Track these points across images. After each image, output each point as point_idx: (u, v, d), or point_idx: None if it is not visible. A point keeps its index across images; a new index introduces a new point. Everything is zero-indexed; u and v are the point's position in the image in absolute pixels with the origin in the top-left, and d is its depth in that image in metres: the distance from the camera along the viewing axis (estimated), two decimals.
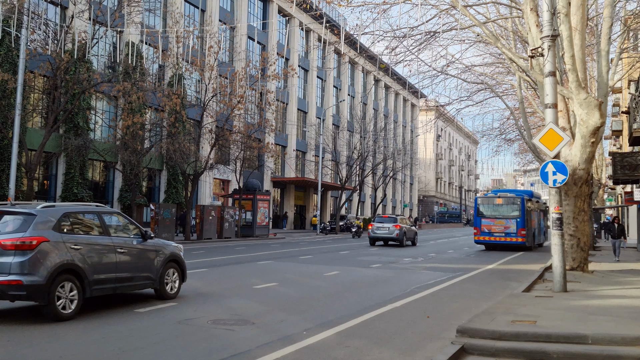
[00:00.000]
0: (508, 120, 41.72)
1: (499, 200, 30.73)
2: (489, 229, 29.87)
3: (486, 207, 30.74)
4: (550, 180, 12.82)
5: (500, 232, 29.58)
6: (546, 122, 13.09)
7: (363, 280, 15.16)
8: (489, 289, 13.98)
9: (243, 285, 13.22)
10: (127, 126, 27.61)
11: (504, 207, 30.22)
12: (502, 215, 29.93)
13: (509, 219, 29.60)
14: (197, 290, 12.00)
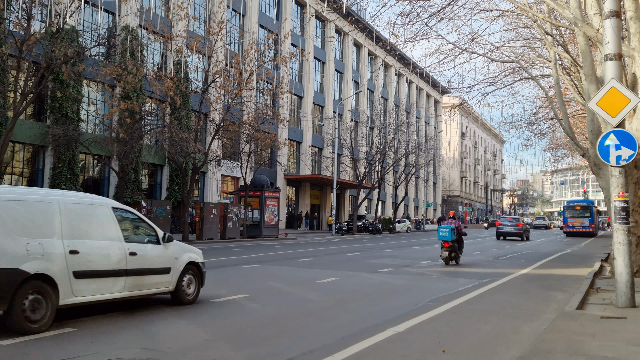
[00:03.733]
0: (540, 109, 38.18)
1: (577, 207, 50.61)
2: (573, 224, 49.61)
3: (570, 211, 50.65)
4: (612, 156, 9.51)
5: (579, 225, 49.12)
6: (606, 79, 9.78)
7: (365, 289, 11.97)
8: (528, 303, 10.69)
9: (199, 299, 10.15)
10: (113, 114, 24.75)
11: (581, 211, 49.96)
12: (580, 216, 49.51)
13: (584, 217, 49.23)
14: None
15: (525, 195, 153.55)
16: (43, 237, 7.23)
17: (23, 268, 6.82)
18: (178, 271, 9.27)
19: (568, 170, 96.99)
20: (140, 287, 8.60)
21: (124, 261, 8.23)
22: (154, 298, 9.50)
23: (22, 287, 6.80)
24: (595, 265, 17.51)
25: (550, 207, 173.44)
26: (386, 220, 57.64)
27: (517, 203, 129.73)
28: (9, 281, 6.65)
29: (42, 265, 7.06)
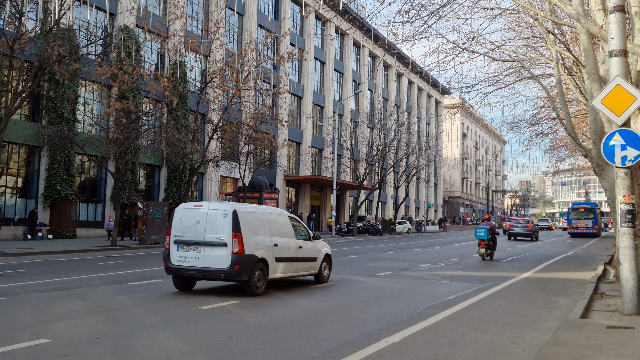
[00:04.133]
0: (541, 109, 37.75)
1: (581, 209, 52.65)
2: (577, 225, 51.36)
3: (575, 213, 52.65)
4: (617, 157, 9.10)
5: (583, 227, 50.95)
6: (611, 76, 9.37)
7: (360, 294, 11.56)
8: (529, 309, 10.28)
9: (186, 304, 9.77)
10: (109, 114, 24.35)
11: (585, 213, 51.80)
12: (584, 217, 51.42)
13: (588, 219, 51.02)
14: None
15: (527, 196, 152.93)
16: (262, 235, 11.49)
17: (256, 254, 11.09)
18: (320, 260, 13.38)
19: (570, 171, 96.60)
20: (302, 270, 12.85)
21: (296, 252, 12.48)
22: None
23: (255, 266, 10.97)
24: (599, 269, 17.09)
25: (552, 208, 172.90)
26: (387, 221, 57.19)
27: (519, 204, 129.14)
28: (250, 262, 10.90)
29: (263, 252, 11.28)
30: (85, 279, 12.76)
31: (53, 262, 17.53)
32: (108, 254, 21.21)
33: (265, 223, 11.78)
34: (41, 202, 28.67)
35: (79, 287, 11.50)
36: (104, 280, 12.57)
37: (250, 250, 10.93)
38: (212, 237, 10.85)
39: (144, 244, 26.09)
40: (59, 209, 28.93)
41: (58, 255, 20.05)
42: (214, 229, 10.90)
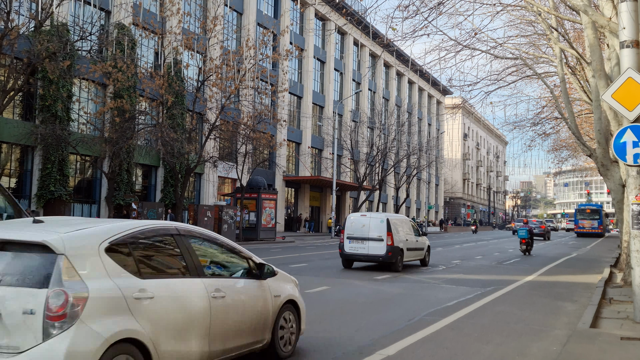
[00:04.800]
0: (544, 109, 37.18)
1: (587, 210, 56.54)
2: (583, 225, 54.97)
3: (581, 214, 56.42)
4: (629, 154, 8.54)
5: (589, 227, 54.28)
6: (622, 68, 8.81)
7: (356, 300, 10.99)
8: (535, 316, 9.72)
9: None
10: (102, 113, 23.82)
11: (591, 214, 55.55)
12: (590, 218, 55.05)
13: (594, 219, 54.70)
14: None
15: (528, 197, 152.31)
16: (401, 234, 17.25)
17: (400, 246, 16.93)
18: (425, 250, 19.25)
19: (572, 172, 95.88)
20: (416, 256, 18.60)
21: (415, 244, 18.23)
22: None
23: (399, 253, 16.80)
24: (605, 272, 16.53)
25: (554, 209, 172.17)
26: None
27: (520, 205, 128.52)
28: (397, 251, 16.75)
29: (402, 245, 17.05)
30: None
31: None
32: None
33: (401, 225, 17.96)
34: (34, 203, 28.10)
35: None
36: None
37: (397, 243, 16.91)
38: (373, 235, 16.82)
39: None
40: (52, 210, 28.33)
41: None
42: (375, 230, 16.90)
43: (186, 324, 5.00)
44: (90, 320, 4.19)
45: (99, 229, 4.87)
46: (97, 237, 4.69)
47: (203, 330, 5.17)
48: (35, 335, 4.04)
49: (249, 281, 6.04)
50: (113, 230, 4.87)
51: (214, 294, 5.38)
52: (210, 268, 5.80)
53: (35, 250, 4.35)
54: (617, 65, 16.34)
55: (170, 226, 5.56)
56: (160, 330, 4.71)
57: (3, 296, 4.14)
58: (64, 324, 4.08)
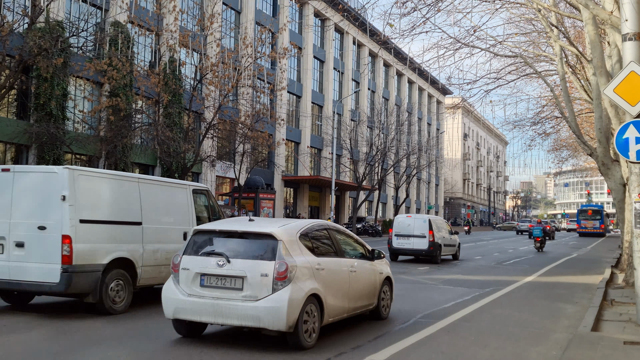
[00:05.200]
0: (544, 108, 36.88)
1: (589, 211, 58.71)
2: (585, 225, 56.87)
3: (583, 214, 58.50)
4: (632, 151, 8.25)
5: (591, 227, 56.24)
6: (625, 62, 8.51)
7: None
8: (534, 318, 9.41)
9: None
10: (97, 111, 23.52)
11: (593, 214, 57.55)
12: (592, 218, 57.13)
13: (595, 220, 56.68)
14: None
15: (529, 197, 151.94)
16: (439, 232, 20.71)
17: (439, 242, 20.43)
18: (456, 246, 22.48)
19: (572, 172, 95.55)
20: (449, 252, 21.62)
21: (449, 240, 21.65)
22: None
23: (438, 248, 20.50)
24: (606, 273, 16.24)
25: (554, 209, 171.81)
26: (387, 222, 56.30)
27: (520, 205, 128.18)
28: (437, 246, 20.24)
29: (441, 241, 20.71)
30: None
31: None
32: None
33: (440, 225, 21.39)
34: None
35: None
36: None
37: (437, 239, 20.18)
38: (417, 233, 20.19)
39: None
40: None
41: None
42: (418, 228, 20.27)
43: (338, 287, 7.59)
44: (297, 281, 6.72)
45: (294, 224, 7.53)
46: (295, 229, 7.32)
47: (346, 293, 7.77)
48: (268, 289, 6.58)
49: (366, 262, 8.68)
50: (300, 225, 7.54)
51: (350, 269, 8.03)
52: (347, 252, 8.34)
53: (264, 238, 6.96)
54: (618, 62, 16.02)
55: (325, 224, 8.30)
56: (327, 290, 7.22)
57: (249, 265, 6.74)
58: (284, 283, 6.60)
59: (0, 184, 8.79)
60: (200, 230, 7.46)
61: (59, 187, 8.41)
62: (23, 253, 8.43)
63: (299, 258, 6.87)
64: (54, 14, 24.54)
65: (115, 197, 9.36)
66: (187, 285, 6.88)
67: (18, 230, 8.53)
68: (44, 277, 8.25)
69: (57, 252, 8.23)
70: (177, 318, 6.95)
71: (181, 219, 10.50)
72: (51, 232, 8.31)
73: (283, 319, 6.41)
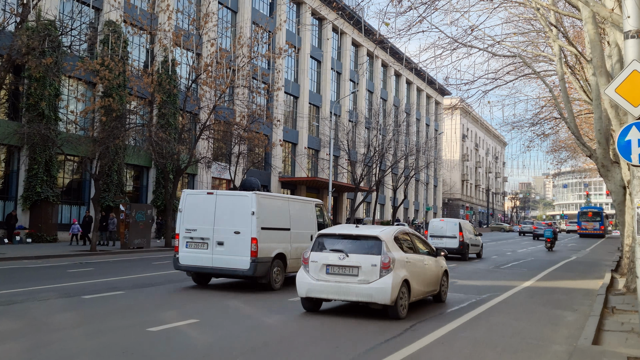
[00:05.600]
0: (543, 109, 36.54)
1: (590, 213, 60.72)
2: (585, 227, 58.76)
3: (584, 216, 60.57)
4: (634, 153, 7.87)
5: (591, 228, 58.22)
6: (627, 61, 8.14)
7: (337, 309, 10.29)
8: (532, 327, 9.03)
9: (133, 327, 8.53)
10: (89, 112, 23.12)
11: (593, 216, 59.57)
12: (592, 220, 59.10)
13: (595, 221, 58.70)
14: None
15: (527, 198, 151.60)
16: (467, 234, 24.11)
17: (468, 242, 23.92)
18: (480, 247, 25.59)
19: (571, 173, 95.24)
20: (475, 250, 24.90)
21: (475, 240, 24.97)
22: None
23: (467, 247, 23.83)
24: (606, 277, 15.88)
25: (552, 210, 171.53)
26: (384, 224, 55.99)
27: (519, 206, 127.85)
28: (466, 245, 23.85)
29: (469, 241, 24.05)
30: (38, 291, 11.48)
31: (18, 269, 16.28)
32: (84, 260, 19.96)
33: (468, 227, 24.68)
34: (20, 205, 27.40)
35: (25, 300, 10.21)
36: (58, 293, 11.27)
37: (466, 239, 23.13)
38: (449, 234, 23.14)
39: (126, 248, 24.83)
40: (39, 212, 27.65)
41: (29, 262, 18.77)
42: (450, 230, 23.39)
43: (418, 276, 10.03)
44: (396, 270, 9.15)
45: (389, 229, 10.13)
46: (391, 233, 9.86)
47: (422, 280, 10.23)
48: (376, 275, 9.01)
49: (432, 258, 11.09)
50: (393, 230, 10.12)
51: (424, 262, 10.56)
52: (420, 249, 10.82)
53: (372, 239, 9.43)
54: (618, 62, 15.66)
55: (405, 229, 10.88)
56: (412, 277, 9.69)
57: (362, 258, 9.16)
58: (388, 271, 9.02)
59: (206, 202, 12.66)
60: (323, 233, 10.07)
61: (248, 206, 12.16)
62: (223, 249, 12.22)
63: (395, 253, 9.47)
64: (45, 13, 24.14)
65: (276, 212, 13.14)
66: (315, 273, 9.45)
67: (219, 233, 12.30)
68: (238, 265, 12.04)
69: (248, 249, 11.98)
70: (308, 296, 9.53)
71: (309, 225, 14.34)
72: (243, 235, 12.07)
73: (388, 296, 8.96)
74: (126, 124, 26.03)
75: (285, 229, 13.28)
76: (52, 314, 9.14)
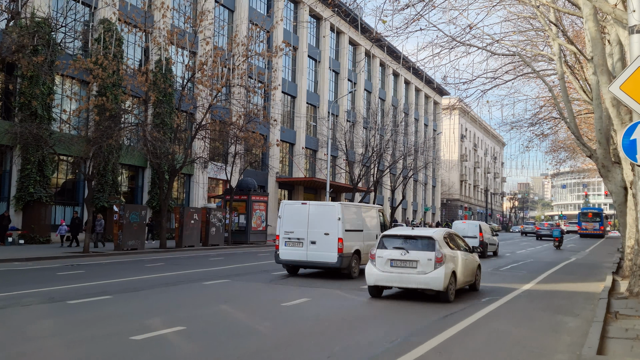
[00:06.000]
0: (542, 108, 36.24)
1: (590, 214, 62.73)
2: (585, 227, 60.68)
3: (584, 217, 62.70)
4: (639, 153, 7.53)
5: (591, 229, 60.11)
6: (632, 56, 7.81)
7: (334, 316, 9.92)
8: (533, 334, 8.69)
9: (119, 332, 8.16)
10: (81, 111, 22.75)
11: (593, 217, 61.85)
12: (592, 220, 61.31)
13: (595, 222, 60.85)
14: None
15: (526, 198, 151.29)
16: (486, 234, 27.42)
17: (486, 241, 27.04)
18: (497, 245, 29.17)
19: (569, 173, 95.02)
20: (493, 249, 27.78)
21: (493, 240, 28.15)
22: None
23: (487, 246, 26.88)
24: (607, 280, 15.51)
25: (551, 210, 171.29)
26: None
27: (518, 207, 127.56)
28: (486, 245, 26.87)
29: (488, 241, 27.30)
30: (22, 295, 11.10)
31: (6, 272, 15.89)
32: (76, 262, 19.59)
33: (486, 228, 27.46)
34: (13, 205, 27.00)
35: (7, 306, 9.83)
36: (43, 297, 10.89)
37: (485, 239, 26.08)
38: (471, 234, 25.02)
39: (119, 250, 24.45)
40: (31, 213, 27.26)
41: (20, 264, 18.40)
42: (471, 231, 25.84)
43: (461, 268, 12.15)
44: (446, 263, 11.37)
45: (439, 231, 12.43)
46: (441, 234, 12.14)
47: (463, 271, 12.36)
48: (431, 267, 11.24)
49: (469, 254, 13.17)
50: (442, 231, 12.47)
51: (464, 257, 12.59)
52: (461, 246, 12.93)
53: (427, 239, 11.62)
54: (619, 60, 15.34)
55: (450, 230, 13.12)
56: (458, 269, 11.92)
57: (420, 254, 11.37)
58: (440, 264, 11.25)
59: (301, 211, 16.18)
60: (387, 234, 12.47)
61: (335, 213, 15.64)
62: (315, 247, 15.66)
63: (445, 250, 11.73)
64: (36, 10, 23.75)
65: (353, 217, 16.59)
66: (381, 266, 11.77)
67: (312, 235, 15.74)
68: (328, 259, 15.45)
69: (335, 246, 15.35)
70: (376, 285, 11.93)
71: (375, 226, 17.76)
72: (332, 236, 15.45)
73: (441, 284, 11.29)
74: (120, 123, 25.68)
75: (360, 230, 16.66)
76: (32, 321, 8.75)
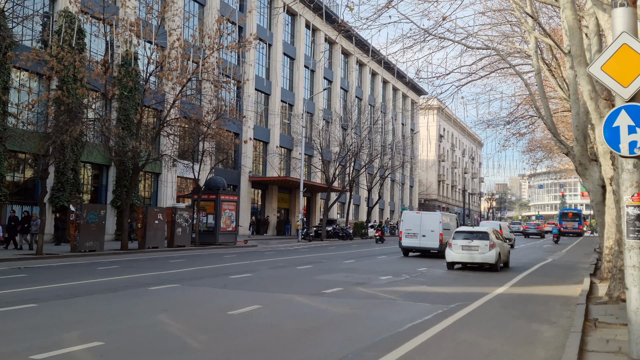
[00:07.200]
0: (518, 107, 35.63)
1: (570, 214, 68.36)
2: (566, 226, 64.36)
3: (564, 217, 67.21)
4: (623, 142, 6.64)
5: (571, 227, 64.88)
6: (615, 33, 6.89)
7: (286, 326, 8.84)
8: (505, 347, 7.74)
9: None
10: (33, 104, 21.42)
11: (572, 217, 67.29)
12: (572, 220, 66.41)
13: (575, 222, 65.96)
14: None
15: (504, 199, 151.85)
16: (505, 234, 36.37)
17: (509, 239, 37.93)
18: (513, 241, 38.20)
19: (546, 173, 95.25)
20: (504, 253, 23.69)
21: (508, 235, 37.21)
22: None
23: None
24: (585, 283, 14.73)
25: (528, 211, 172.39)
26: (358, 224, 54.76)
27: (495, 207, 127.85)
28: None
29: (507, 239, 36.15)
30: None
31: None
32: (24, 265, 18.29)
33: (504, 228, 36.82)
34: None
35: None
36: None
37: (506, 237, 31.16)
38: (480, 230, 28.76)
39: (76, 251, 23.12)
40: None
41: None
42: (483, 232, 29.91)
43: (502, 251, 20.18)
44: (495, 247, 19.41)
45: (490, 226, 25.72)
46: (491, 229, 21.21)
47: (503, 254, 20.44)
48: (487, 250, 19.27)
49: (504, 243, 21.38)
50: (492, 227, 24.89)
51: (501, 244, 20.30)
52: (499, 236, 21.13)
53: (483, 232, 20.07)
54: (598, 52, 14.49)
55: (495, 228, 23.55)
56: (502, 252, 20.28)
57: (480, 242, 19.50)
58: (493, 249, 19.28)
59: (415, 216, 26.52)
60: (458, 230, 20.59)
61: (438, 217, 25.85)
62: (425, 239, 25.37)
63: (494, 239, 19.26)
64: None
65: (447, 221, 26.36)
66: (456, 250, 19.28)
67: (423, 231, 25.40)
68: (433, 246, 25.26)
69: (437, 238, 25.01)
70: (453, 261, 19.52)
71: (454, 226, 26.42)
72: (435, 232, 25.16)
73: (493, 260, 18.83)
74: (82, 119, 24.32)
75: (448, 229, 25.26)
76: None
